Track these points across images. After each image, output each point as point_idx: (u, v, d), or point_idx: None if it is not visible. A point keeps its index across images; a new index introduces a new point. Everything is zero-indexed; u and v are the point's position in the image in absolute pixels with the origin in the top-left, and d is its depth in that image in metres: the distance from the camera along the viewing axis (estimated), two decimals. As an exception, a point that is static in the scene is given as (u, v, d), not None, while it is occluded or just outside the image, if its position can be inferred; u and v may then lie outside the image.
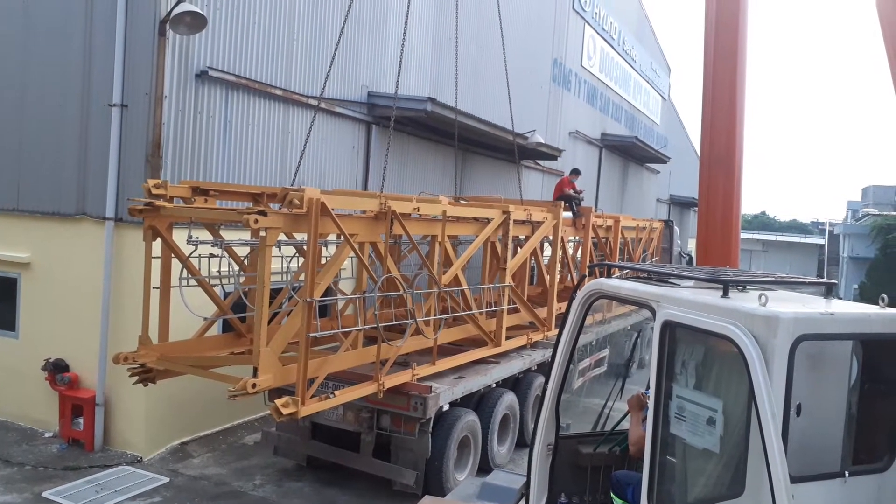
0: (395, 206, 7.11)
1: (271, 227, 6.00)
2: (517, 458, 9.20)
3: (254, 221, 5.78)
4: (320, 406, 6.59)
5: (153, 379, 7.05)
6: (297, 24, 10.54)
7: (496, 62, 15.01)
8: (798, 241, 61.77)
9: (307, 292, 6.23)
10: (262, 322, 6.07)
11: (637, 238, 16.01)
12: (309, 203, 6.11)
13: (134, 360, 6.83)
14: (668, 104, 34.55)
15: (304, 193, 6.03)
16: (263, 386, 6.05)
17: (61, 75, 9.05)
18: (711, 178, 7.07)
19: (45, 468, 8.24)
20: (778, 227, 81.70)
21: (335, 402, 6.79)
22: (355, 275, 7.50)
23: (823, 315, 3.53)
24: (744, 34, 6.95)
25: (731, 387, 3.60)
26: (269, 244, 6.05)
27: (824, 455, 3.68)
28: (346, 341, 7.06)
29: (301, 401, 6.21)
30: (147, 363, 6.88)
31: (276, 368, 6.23)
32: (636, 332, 13.42)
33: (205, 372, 6.88)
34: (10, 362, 9.54)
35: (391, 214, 6.99)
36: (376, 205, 7.03)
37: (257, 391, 5.97)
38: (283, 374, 6.36)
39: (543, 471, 4.87)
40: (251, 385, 5.88)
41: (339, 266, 6.97)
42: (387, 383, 7.17)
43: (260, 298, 6.04)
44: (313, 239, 6.26)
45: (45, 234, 9.26)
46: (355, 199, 7.58)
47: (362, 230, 7.01)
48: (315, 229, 6.23)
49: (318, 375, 6.61)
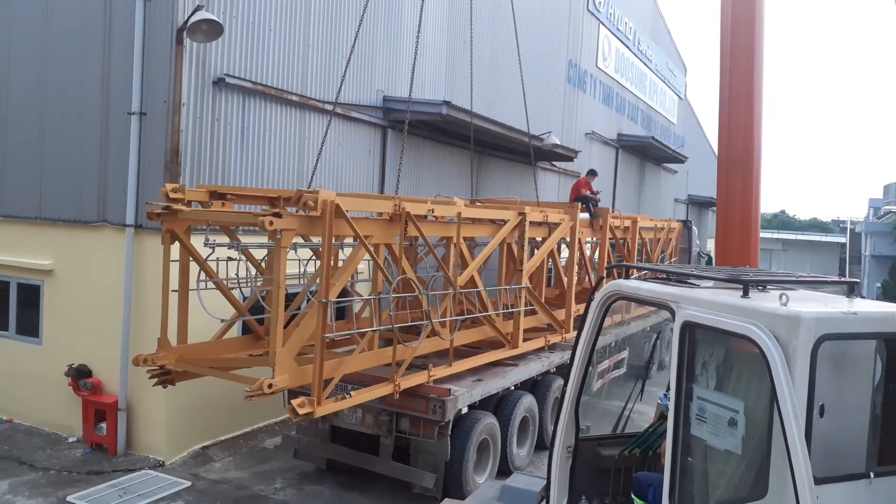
0: (410, 207, 7.14)
1: (286, 228, 6.05)
2: (537, 461, 9.17)
3: (269, 223, 5.83)
4: (336, 406, 6.62)
5: (172, 381, 7.13)
6: (313, 30, 10.61)
7: (510, 64, 15.02)
8: (819, 239, 61.00)
9: (322, 293, 6.29)
10: (277, 323, 6.11)
11: (655, 239, 15.90)
12: (323, 205, 6.15)
13: (153, 362, 6.91)
14: (685, 103, 34.31)
15: (318, 195, 6.07)
16: (280, 386, 6.08)
17: (81, 84, 9.19)
18: (730, 178, 6.99)
19: (69, 473, 8.34)
20: (798, 225, 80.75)
21: (351, 403, 6.83)
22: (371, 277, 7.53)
23: (846, 314, 3.49)
24: (760, 32, 6.87)
25: (753, 387, 3.57)
26: (284, 246, 6.09)
27: (849, 456, 3.62)
28: (361, 342, 7.10)
29: (317, 401, 6.25)
30: (166, 365, 6.95)
31: (292, 369, 6.27)
32: (655, 334, 13.34)
33: (222, 373, 6.94)
34: (33, 368, 9.69)
35: (405, 216, 7.03)
36: (391, 206, 7.06)
37: (273, 392, 6.01)
38: (299, 375, 6.39)
39: (563, 473, 4.85)
40: (267, 385, 5.92)
41: (353, 268, 7.01)
42: (402, 384, 7.18)
43: (275, 300, 6.07)
44: (328, 240, 6.30)
45: (67, 242, 9.39)
46: (370, 201, 7.59)
47: (377, 232, 7.04)
48: (329, 231, 6.26)
49: (335, 376, 6.65)
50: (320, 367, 6.27)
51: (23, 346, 9.88)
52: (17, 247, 9.78)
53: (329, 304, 6.34)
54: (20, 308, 9.95)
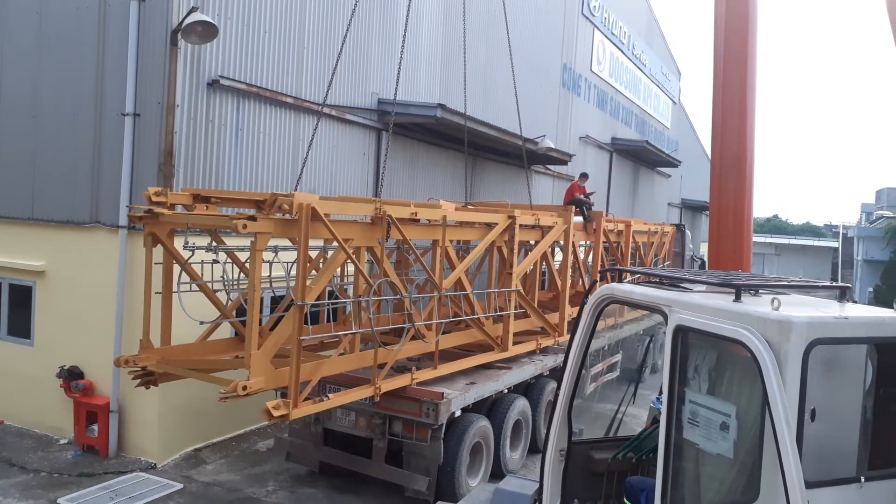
0: (392, 211, 7.15)
1: (261, 232, 6.03)
2: (530, 464, 9.18)
3: (242, 227, 5.81)
4: (313, 409, 6.61)
5: (155, 382, 7.15)
6: (308, 32, 10.61)
7: (505, 67, 15.02)
8: (811, 244, 61.32)
9: (298, 296, 6.29)
10: (252, 326, 6.09)
11: (648, 242, 15.96)
12: (299, 208, 6.15)
13: (135, 364, 6.93)
14: (679, 108, 34.44)
15: (293, 198, 6.07)
16: (255, 388, 6.05)
17: (75, 85, 9.15)
18: (723, 183, 7.02)
19: (61, 475, 8.30)
20: (791, 230, 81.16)
21: (329, 405, 6.81)
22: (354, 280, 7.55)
23: (837, 319, 3.51)
24: (753, 37, 6.90)
25: (745, 391, 3.58)
26: (259, 249, 6.06)
27: (840, 460, 3.65)
28: (341, 345, 7.14)
29: (293, 403, 6.23)
30: (148, 366, 6.97)
31: (268, 371, 6.25)
32: (648, 337, 13.37)
33: (203, 375, 6.90)
34: (25, 370, 9.64)
35: (387, 219, 7.05)
36: (371, 210, 7.07)
37: (248, 393, 5.98)
38: (275, 377, 6.36)
39: (556, 476, 4.86)
40: (242, 387, 5.89)
41: (333, 271, 6.98)
42: (384, 387, 7.16)
43: (251, 302, 6.06)
44: (303, 244, 6.28)
45: (60, 243, 9.35)
46: (349, 204, 7.59)
47: (358, 235, 7.03)
48: (305, 234, 6.26)
49: (313, 378, 6.65)
50: (296, 370, 6.26)
51: (14, 347, 9.82)
52: (9, 248, 9.74)
53: (305, 306, 6.31)
54: (12, 309, 9.90)
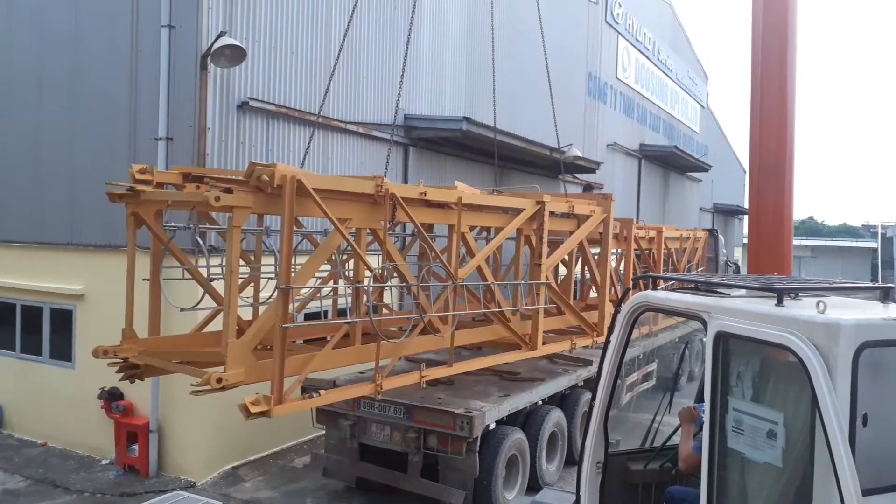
0: (398, 190, 6.43)
1: (239, 206, 5.35)
2: (567, 476, 9.05)
3: (215, 199, 5.14)
4: (300, 406, 5.98)
5: (140, 375, 6.50)
6: (335, 52, 10.72)
7: (530, 78, 15.03)
8: (849, 245, 59.81)
9: (281, 279, 5.61)
10: (230, 313, 5.46)
11: (681, 248, 15.71)
12: (282, 180, 5.41)
13: (115, 354, 6.28)
14: (707, 112, 34.04)
15: (275, 169, 5.36)
16: (232, 381, 5.38)
17: (109, 112, 9.38)
18: (762, 185, 6.85)
19: (103, 495, 8.42)
20: (827, 231, 79.28)
21: (320, 402, 6.23)
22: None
23: (886, 321, 3.41)
24: (793, 34, 6.73)
25: (792, 397, 3.48)
26: (236, 226, 5.39)
27: (893, 466, 3.52)
28: (336, 336, 6.34)
29: (276, 399, 5.56)
30: (129, 358, 6.30)
31: (249, 363, 5.57)
32: (684, 345, 13.15)
33: (187, 368, 6.15)
34: (67, 392, 9.83)
35: (391, 199, 6.31)
36: (371, 187, 6.22)
37: (224, 387, 5.32)
38: (257, 370, 5.65)
39: (593, 489, 4.78)
40: (216, 380, 5.21)
41: (328, 254, 6.26)
42: (386, 385, 6.58)
43: (228, 286, 5.41)
44: (288, 221, 5.61)
45: (98, 266, 9.54)
46: (345, 180, 6.73)
47: (357, 215, 6.28)
48: (290, 211, 5.57)
49: (302, 373, 5.95)
50: (280, 361, 5.58)
51: (56, 370, 10.04)
52: (50, 272, 9.97)
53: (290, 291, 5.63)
54: (53, 332, 10.12)
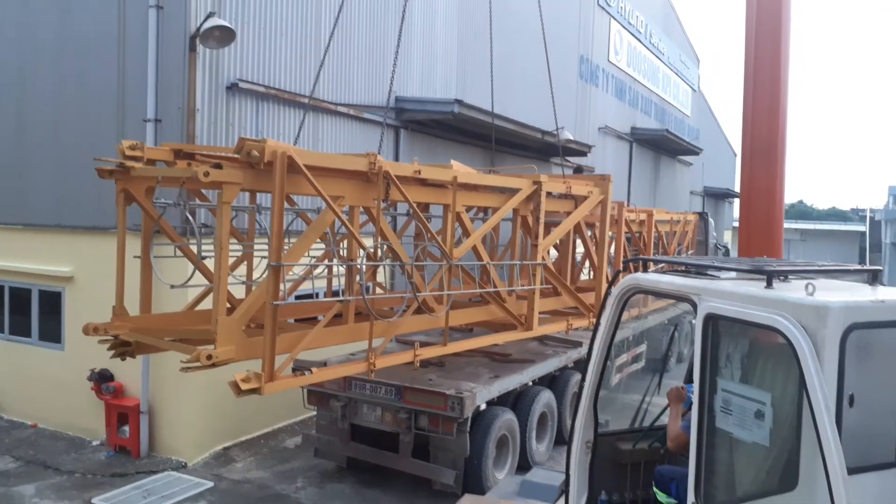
0: (392, 167, 6.42)
1: (227, 181, 5.34)
2: (556, 456, 9.15)
3: (204, 174, 5.12)
4: (291, 383, 6.00)
5: (132, 353, 6.49)
6: (324, 33, 10.62)
7: (520, 61, 14.98)
8: (838, 228, 60.28)
9: (272, 256, 5.61)
10: (220, 289, 5.45)
11: (671, 231, 15.78)
12: (272, 156, 5.42)
13: (105, 332, 6.27)
14: (699, 95, 34.04)
15: (265, 144, 5.36)
16: (222, 358, 5.38)
17: (97, 93, 9.27)
18: (754, 169, 6.87)
19: (94, 475, 8.43)
20: (816, 215, 79.82)
21: (310, 380, 6.26)
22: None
23: (874, 303, 3.44)
24: (787, 18, 6.73)
25: (780, 378, 3.52)
26: (226, 202, 5.39)
27: (878, 445, 3.57)
28: (328, 315, 6.33)
29: (266, 377, 5.58)
30: (120, 335, 6.30)
31: (239, 340, 5.57)
32: (673, 327, 13.27)
33: (179, 346, 6.15)
34: (57, 374, 9.80)
35: (385, 176, 6.29)
36: (364, 164, 6.20)
37: (214, 364, 5.33)
38: (247, 347, 5.65)
39: (583, 468, 4.83)
40: (206, 357, 5.21)
41: (320, 232, 6.26)
42: (379, 363, 6.62)
43: (218, 262, 5.42)
44: (278, 197, 5.61)
45: (87, 248, 9.47)
46: (336, 157, 6.73)
47: (350, 193, 6.27)
48: (281, 187, 5.56)
49: (294, 351, 5.97)
50: (272, 338, 5.58)
51: (45, 351, 10.00)
52: (38, 255, 9.90)
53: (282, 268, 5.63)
54: (42, 315, 10.07)
